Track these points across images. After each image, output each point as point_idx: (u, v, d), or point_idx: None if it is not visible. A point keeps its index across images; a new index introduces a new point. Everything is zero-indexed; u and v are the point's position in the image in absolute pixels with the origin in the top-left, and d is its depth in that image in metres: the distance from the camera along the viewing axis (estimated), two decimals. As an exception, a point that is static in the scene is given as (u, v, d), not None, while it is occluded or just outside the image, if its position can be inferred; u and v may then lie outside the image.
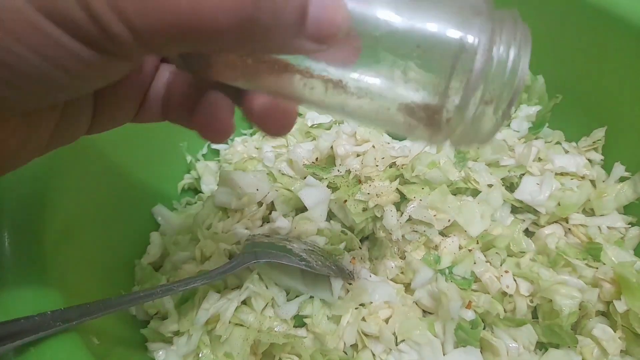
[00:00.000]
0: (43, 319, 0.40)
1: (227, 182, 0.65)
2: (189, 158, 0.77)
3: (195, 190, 0.78)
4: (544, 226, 0.67)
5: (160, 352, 0.54)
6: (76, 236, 0.54)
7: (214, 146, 0.81)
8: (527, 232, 0.68)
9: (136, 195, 0.68)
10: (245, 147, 0.79)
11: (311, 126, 0.77)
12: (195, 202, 0.75)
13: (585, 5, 0.66)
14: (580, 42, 0.70)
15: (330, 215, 0.67)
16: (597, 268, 0.60)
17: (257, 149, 0.78)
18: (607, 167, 0.70)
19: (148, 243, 0.67)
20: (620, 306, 0.55)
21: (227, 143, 0.83)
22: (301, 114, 0.86)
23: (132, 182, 0.67)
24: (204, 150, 0.80)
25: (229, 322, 0.54)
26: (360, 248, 0.65)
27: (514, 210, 0.68)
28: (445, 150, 0.67)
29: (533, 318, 0.60)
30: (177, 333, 0.55)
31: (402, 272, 0.61)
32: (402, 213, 0.63)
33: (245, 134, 0.84)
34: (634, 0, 0.64)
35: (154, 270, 0.63)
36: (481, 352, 0.56)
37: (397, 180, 0.65)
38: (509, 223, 0.65)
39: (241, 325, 0.54)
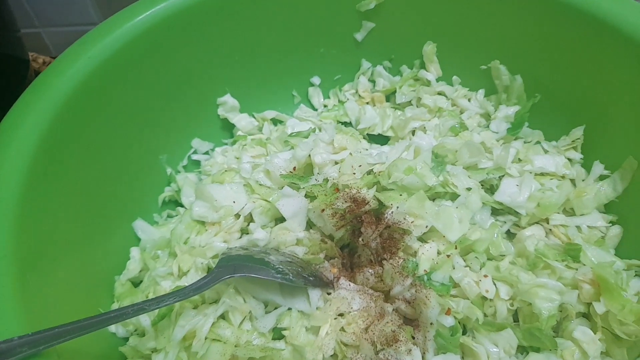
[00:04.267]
0: (9, 345, 0.39)
1: (204, 195, 0.64)
2: (169, 170, 0.77)
3: (176, 202, 0.77)
4: (525, 227, 0.67)
5: (139, 370, 0.54)
6: (51, 254, 0.54)
7: (195, 157, 0.81)
8: (509, 234, 0.68)
9: (116, 210, 0.68)
10: (226, 157, 0.79)
11: (290, 134, 0.76)
12: (176, 215, 0.74)
13: (563, 5, 0.66)
14: (558, 41, 0.70)
15: (310, 224, 0.67)
16: (576, 269, 0.59)
17: (237, 158, 0.78)
18: (587, 165, 0.70)
19: (128, 258, 0.67)
20: (599, 308, 0.55)
21: (207, 153, 0.82)
22: (282, 122, 0.86)
23: (111, 196, 0.67)
24: (185, 162, 0.80)
25: (206, 338, 0.53)
26: (341, 256, 0.65)
27: (495, 212, 0.68)
28: (422, 155, 0.67)
29: (514, 321, 0.60)
30: (155, 350, 0.55)
31: (381, 280, 0.61)
32: (380, 220, 0.62)
33: (226, 144, 0.84)
34: (609, 1, 0.63)
35: (133, 287, 0.62)
36: (462, 358, 0.56)
37: (375, 187, 0.65)
38: (489, 226, 0.65)
39: (218, 340, 0.54)
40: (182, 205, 0.75)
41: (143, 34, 0.66)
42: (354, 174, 0.66)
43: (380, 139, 0.83)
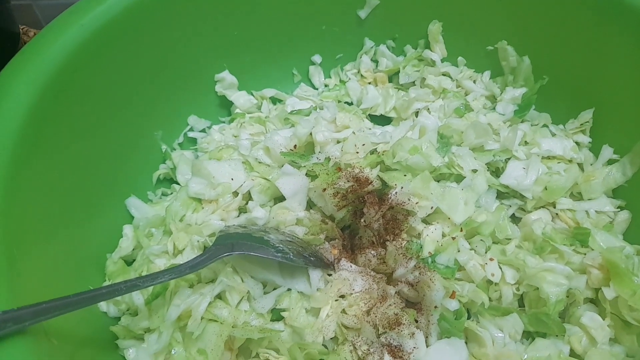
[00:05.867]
0: (-7, 320, 0.37)
1: (201, 171, 0.62)
2: (164, 147, 0.74)
3: (171, 180, 0.74)
4: (530, 212, 0.65)
5: (131, 350, 0.52)
6: (39, 230, 0.51)
7: (191, 134, 0.79)
8: (514, 218, 0.66)
9: (108, 187, 0.65)
10: (223, 135, 0.77)
11: (290, 112, 0.74)
12: (171, 193, 0.72)
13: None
14: (567, 22, 0.68)
15: (310, 204, 0.64)
16: (584, 254, 0.58)
17: (235, 137, 0.75)
18: (595, 149, 0.69)
19: (121, 236, 0.65)
20: (608, 293, 0.54)
21: (204, 131, 0.80)
22: (281, 100, 0.83)
23: (104, 173, 0.64)
24: (180, 139, 0.77)
25: (202, 318, 0.51)
26: (342, 237, 0.63)
27: (500, 195, 0.66)
28: (428, 135, 0.65)
29: (520, 306, 0.58)
30: (148, 330, 0.53)
31: (383, 262, 0.59)
32: (383, 201, 0.60)
33: (223, 122, 0.82)
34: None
35: (125, 265, 0.60)
36: (466, 343, 0.55)
37: (378, 167, 0.63)
38: (494, 209, 0.63)
39: (215, 320, 0.52)
40: (177, 183, 0.72)
41: (138, 3, 0.63)
42: (357, 153, 0.64)
43: (383, 120, 0.80)
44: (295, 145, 0.67)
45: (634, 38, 0.61)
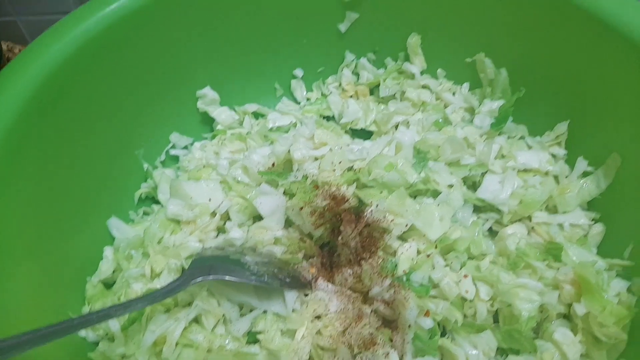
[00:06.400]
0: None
1: (179, 192, 0.63)
2: (145, 166, 0.75)
3: (153, 199, 0.75)
4: (507, 225, 0.66)
5: (109, 377, 0.52)
6: (15, 253, 0.52)
7: (173, 152, 0.79)
8: (491, 231, 0.67)
9: (89, 207, 0.66)
10: (205, 152, 0.77)
11: (270, 129, 0.74)
12: (153, 213, 0.73)
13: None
14: (544, 35, 0.68)
15: (289, 222, 0.65)
16: (558, 269, 0.58)
17: (216, 153, 0.76)
18: (571, 161, 0.69)
19: (102, 258, 0.65)
20: (580, 309, 0.54)
21: (186, 148, 0.80)
22: (263, 115, 0.84)
23: (84, 192, 0.65)
24: (162, 157, 0.78)
25: (177, 343, 0.52)
26: (320, 255, 0.64)
27: (477, 209, 0.67)
28: (404, 151, 0.65)
29: (495, 322, 0.59)
30: (125, 356, 0.53)
31: (359, 281, 0.60)
32: (360, 218, 0.61)
33: (205, 137, 0.82)
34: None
35: (104, 289, 0.61)
36: (440, 361, 0.55)
37: (355, 184, 0.64)
38: (470, 224, 0.64)
39: (190, 345, 0.52)
40: (159, 202, 0.73)
41: (119, 22, 0.64)
42: (334, 170, 0.64)
43: (364, 134, 0.81)
44: (274, 163, 0.68)
45: (610, 51, 0.61)
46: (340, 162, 0.65)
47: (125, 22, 0.65)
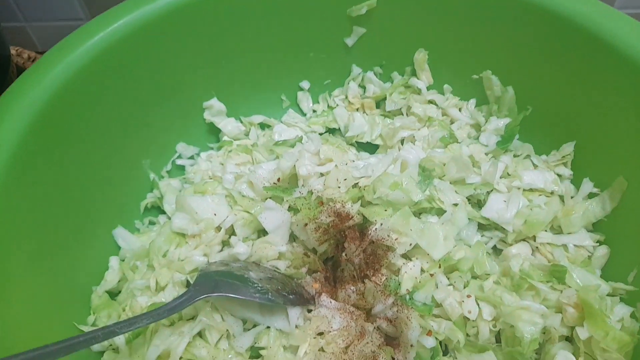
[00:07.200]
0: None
1: (184, 207, 0.63)
2: (152, 176, 0.76)
3: (159, 208, 0.76)
4: (511, 244, 0.66)
5: (112, 390, 0.53)
6: (22, 263, 0.53)
7: (179, 162, 0.80)
8: (495, 250, 0.67)
9: (95, 217, 0.66)
10: (211, 162, 0.78)
11: (276, 143, 0.75)
12: (159, 223, 0.73)
13: (558, 18, 0.64)
14: (552, 54, 0.68)
15: (293, 237, 0.65)
16: (561, 291, 0.58)
17: (222, 164, 0.76)
18: (576, 181, 0.69)
19: (107, 268, 0.66)
20: (582, 333, 0.54)
21: (192, 158, 0.81)
22: (269, 126, 0.84)
23: (90, 202, 0.65)
24: (169, 167, 0.79)
25: (181, 358, 0.52)
26: (324, 270, 0.64)
27: (482, 227, 0.67)
28: (409, 169, 0.66)
29: (497, 342, 0.59)
30: (129, 369, 0.54)
31: (362, 298, 0.60)
32: (364, 236, 0.61)
33: (212, 148, 0.83)
34: (604, 16, 0.62)
35: (110, 299, 0.61)
36: (442, 380, 0.55)
37: (359, 201, 0.64)
38: (474, 243, 0.64)
39: (194, 360, 0.53)
40: (164, 212, 0.73)
41: (128, 36, 0.65)
42: (339, 187, 0.65)
43: (369, 147, 0.81)
44: (279, 178, 0.68)
45: (619, 74, 0.61)
46: (345, 179, 0.66)
47: (135, 35, 0.65)
